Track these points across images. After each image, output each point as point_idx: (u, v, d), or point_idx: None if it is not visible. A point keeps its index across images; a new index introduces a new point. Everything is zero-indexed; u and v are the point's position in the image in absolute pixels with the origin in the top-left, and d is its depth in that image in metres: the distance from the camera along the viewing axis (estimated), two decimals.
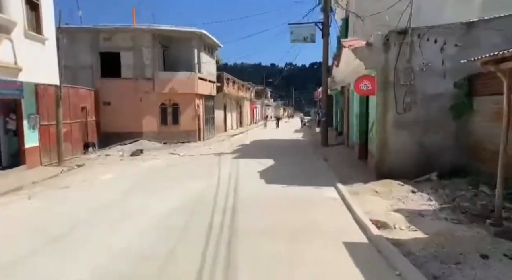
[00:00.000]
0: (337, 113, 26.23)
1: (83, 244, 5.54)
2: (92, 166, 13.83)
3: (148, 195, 8.82)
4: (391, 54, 9.48)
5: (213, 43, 24.81)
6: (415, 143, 9.54)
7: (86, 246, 5.48)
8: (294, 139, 26.64)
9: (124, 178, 11.23)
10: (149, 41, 20.47)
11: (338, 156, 14.79)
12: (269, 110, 75.44)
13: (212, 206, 7.49)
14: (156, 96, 21.09)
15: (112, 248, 5.32)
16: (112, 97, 20.62)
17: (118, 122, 20.39)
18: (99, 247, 5.40)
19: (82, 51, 20.14)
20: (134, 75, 20.70)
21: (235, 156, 16.42)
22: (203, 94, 23.58)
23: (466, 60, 6.16)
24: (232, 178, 10.88)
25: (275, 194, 8.66)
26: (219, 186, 9.60)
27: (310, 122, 57.16)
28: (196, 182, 10.26)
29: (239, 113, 40.71)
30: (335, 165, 12.61)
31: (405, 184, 8.62)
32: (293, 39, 18.25)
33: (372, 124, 10.32)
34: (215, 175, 11.33)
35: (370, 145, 10.77)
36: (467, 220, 5.90)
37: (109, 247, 5.37)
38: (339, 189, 8.87)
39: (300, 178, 10.69)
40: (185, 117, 21.94)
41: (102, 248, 5.35)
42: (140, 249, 5.29)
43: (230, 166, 13.16)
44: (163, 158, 15.93)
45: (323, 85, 18.13)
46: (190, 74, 21.54)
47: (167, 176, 11.51)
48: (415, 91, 9.43)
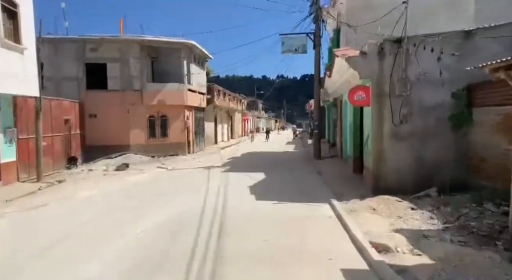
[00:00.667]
0: (329, 124, 25.88)
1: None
2: (73, 182, 13.09)
3: (128, 214, 8.15)
4: (386, 64, 9.10)
5: (203, 54, 24.41)
6: (413, 156, 9.08)
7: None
8: (286, 151, 26.14)
9: (105, 195, 10.54)
10: (137, 52, 19.95)
11: (332, 169, 14.28)
12: (261, 122, 75.15)
13: (197, 228, 6.86)
14: (144, 108, 20.47)
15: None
16: (98, 110, 19.93)
17: (104, 135, 19.67)
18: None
19: (67, 62, 19.52)
20: (121, 86, 20.09)
21: (225, 170, 15.82)
22: (193, 106, 23.05)
23: (472, 67, 5.71)
24: (220, 194, 10.27)
25: (266, 212, 8.07)
26: (206, 203, 8.98)
27: (302, 133, 57.04)
28: (181, 198, 9.63)
29: (230, 125, 40.18)
30: (329, 179, 12.09)
31: (403, 200, 8.11)
32: (284, 50, 17.91)
33: (368, 137, 9.87)
34: (202, 190, 10.71)
35: (365, 159, 10.30)
36: (475, 242, 5.38)
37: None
38: (334, 206, 8.32)
39: (292, 193, 10.13)
40: (174, 130, 21.32)
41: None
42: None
43: (219, 181, 12.55)
44: (149, 172, 15.25)
45: (315, 96, 17.74)
46: (179, 86, 21.02)
47: (151, 193, 10.85)
48: (412, 102, 9.03)
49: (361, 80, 9.85)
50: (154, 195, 10.39)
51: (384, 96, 9.15)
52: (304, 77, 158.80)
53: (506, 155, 7.22)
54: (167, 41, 20.58)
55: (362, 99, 9.34)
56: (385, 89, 9.14)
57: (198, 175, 14.31)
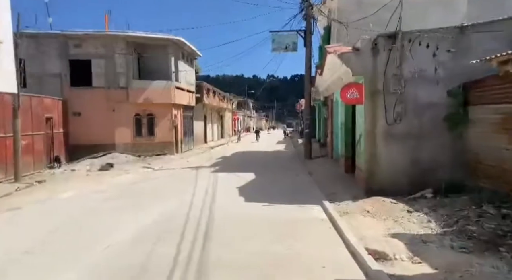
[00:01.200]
0: (320, 124, 25.61)
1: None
2: (53, 183, 12.49)
3: (107, 219, 7.63)
4: (380, 60, 8.76)
5: (191, 51, 23.86)
6: (407, 156, 8.77)
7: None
8: (277, 151, 25.78)
9: (85, 197, 9.99)
10: (122, 48, 19.33)
11: (323, 169, 13.94)
12: (251, 122, 74.73)
13: (181, 233, 6.41)
14: (130, 106, 19.86)
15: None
16: (82, 107, 19.26)
17: (88, 134, 19.03)
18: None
19: (50, 58, 18.80)
20: (106, 84, 19.45)
21: (214, 170, 15.36)
22: (181, 104, 22.50)
23: (477, 60, 5.38)
24: (208, 195, 9.82)
25: (255, 215, 7.65)
26: (191, 207, 8.52)
27: (292, 133, 56.79)
28: (166, 201, 9.15)
29: (220, 125, 39.67)
30: (320, 179, 11.74)
31: (398, 202, 7.78)
32: (274, 47, 17.51)
33: (360, 136, 9.53)
34: (189, 192, 10.24)
35: (357, 159, 9.97)
36: (477, 248, 5.04)
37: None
38: (326, 208, 7.95)
39: (283, 194, 9.74)
40: (161, 129, 20.76)
41: None
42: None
43: (207, 181, 12.10)
44: (134, 173, 14.70)
45: (306, 95, 17.39)
46: (167, 83, 20.46)
47: (134, 195, 10.34)
48: (406, 100, 8.71)
49: (353, 77, 9.50)
50: (136, 198, 9.89)
51: (377, 93, 8.82)
52: (294, 77, 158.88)
53: (506, 156, 6.94)
54: (154, 37, 20.00)
55: (355, 97, 8.99)
56: (378, 87, 8.80)
57: (185, 176, 13.83)
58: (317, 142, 23.87)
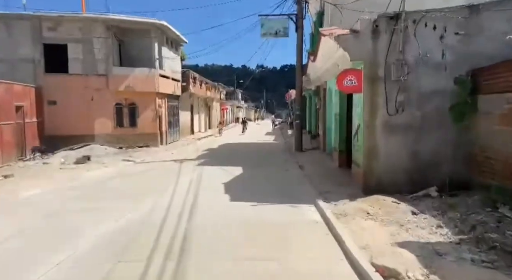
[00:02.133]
0: (310, 115, 24.78)
1: None
2: (22, 177, 11.40)
3: (65, 226, 6.49)
4: (381, 44, 7.87)
5: (176, 37, 22.62)
6: (409, 150, 7.97)
7: None
8: (266, 142, 24.91)
9: (52, 195, 8.97)
10: (101, 32, 18.05)
11: (315, 163, 13.12)
12: (240, 112, 73.56)
13: (154, 241, 5.49)
14: (110, 94, 18.67)
15: None
16: (58, 96, 18.02)
17: (65, 124, 17.86)
18: None
19: (21, 42, 17.42)
20: (84, 70, 18.20)
21: (199, 163, 14.43)
22: (166, 93, 21.35)
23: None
24: (190, 193, 8.90)
25: (242, 218, 6.78)
26: (170, 206, 7.60)
27: (281, 124, 55.88)
28: (142, 200, 8.20)
29: (208, 115, 38.54)
30: (312, 174, 10.91)
31: (401, 202, 6.99)
32: (264, 32, 16.47)
33: (358, 128, 8.70)
34: (170, 189, 9.31)
35: (354, 153, 9.15)
36: (502, 262, 4.27)
37: None
38: (321, 208, 7.11)
39: (272, 192, 8.89)
40: (144, 119, 19.63)
41: None
42: None
43: (191, 176, 11.17)
44: (113, 166, 13.66)
45: (297, 83, 16.47)
46: (150, 71, 19.28)
47: (107, 193, 9.33)
48: (409, 88, 7.87)
49: (351, 63, 8.61)
50: (110, 195, 8.91)
51: (378, 81, 7.95)
52: (284, 67, 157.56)
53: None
54: (135, 21, 18.74)
55: (353, 85, 8.11)
56: (379, 73, 7.93)
57: (168, 170, 12.87)
58: (307, 134, 23.05)
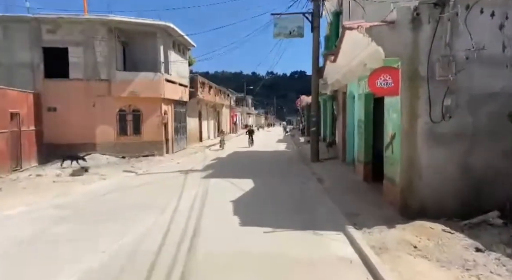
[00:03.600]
0: (326, 121, 23.35)
1: None
2: (9, 192, 10.23)
3: (47, 254, 5.39)
4: (423, 36, 6.51)
5: (183, 40, 21.53)
6: (458, 165, 6.54)
7: None
8: (278, 150, 23.53)
9: (34, 215, 7.74)
10: (104, 35, 17.02)
11: (335, 175, 11.68)
12: (250, 119, 72.38)
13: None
14: (113, 100, 17.58)
15: None
16: (58, 102, 16.99)
17: (66, 132, 16.82)
18: None
19: (19, 45, 16.46)
20: (86, 75, 17.16)
21: (206, 175, 13.13)
22: (172, 99, 20.21)
23: None
24: (193, 213, 7.58)
25: (254, 254, 5.39)
26: (168, 232, 6.28)
27: (292, 130, 54.45)
28: (135, 225, 6.89)
29: (217, 122, 37.40)
30: (333, 189, 9.50)
31: (454, 231, 5.56)
32: (277, 32, 15.20)
33: (393, 137, 7.29)
34: (170, 208, 8.01)
35: (387, 166, 7.75)
36: None
37: None
38: (353, 238, 5.71)
39: (289, 212, 7.52)
40: (149, 126, 18.47)
41: None
42: None
43: (195, 191, 9.87)
44: (112, 179, 12.44)
45: (313, 87, 15.12)
46: (155, 75, 18.16)
47: (98, 213, 8.05)
48: (459, 89, 6.46)
49: (383, 62, 7.24)
50: (101, 216, 7.64)
51: (419, 81, 6.58)
52: (294, 74, 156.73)
53: None
54: (139, 23, 17.66)
55: (388, 86, 6.73)
56: (420, 72, 6.56)
57: (171, 182, 11.59)
58: (322, 142, 21.62)
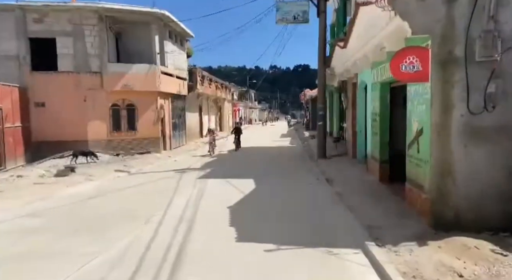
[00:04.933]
0: (332, 114, 22.12)
1: None
2: None
3: None
4: (459, 8, 5.29)
5: (181, 30, 20.31)
6: (504, 166, 5.35)
7: None
8: (282, 146, 22.34)
9: (3, 226, 6.65)
10: (95, 24, 15.87)
11: (346, 175, 10.50)
12: (253, 113, 71.08)
13: None
14: (105, 94, 16.48)
15: None
16: (47, 96, 15.95)
17: (55, 128, 15.81)
18: None
19: (3, 36, 15.39)
20: (76, 67, 16.06)
21: (204, 174, 12.02)
22: (169, 93, 19.06)
23: None
24: (182, 226, 6.45)
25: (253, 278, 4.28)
26: (151, 247, 5.16)
27: (296, 124, 53.16)
28: (119, 235, 5.79)
29: (219, 116, 36.22)
30: (346, 193, 8.32)
31: (508, 253, 4.39)
32: (280, 18, 13.97)
33: (419, 133, 6.09)
34: (157, 216, 6.91)
35: (410, 168, 6.57)
36: None
37: None
38: (376, 260, 4.56)
39: (296, 222, 6.39)
40: (145, 121, 17.36)
41: None
42: None
43: (189, 194, 8.77)
44: (100, 179, 11.37)
45: (320, 77, 13.89)
46: (150, 67, 17.01)
47: (79, 220, 6.98)
48: (505, 73, 5.25)
49: (404, 43, 6.02)
50: (78, 226, 6.54)
51: (454, 64, 5.37)
52: (297, 68, 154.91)
53: None
54: (133, 10, 16.47)
55: (415, 71, 5.51)
56: (456, 52, 5.35)
57: (164, 185, 10.49)
58: (329, 136, 20.40)
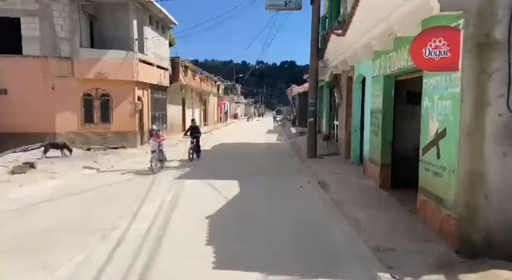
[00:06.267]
0: (321, 111, 21.04)
1: None
2: None
3: None
4: None
5: (163, 16, 18.83)
6: None
7: None
8: (269, 143, 21.19)
9: None
10: (65, 3, 14.31)
11: (341, 179, 9.39)
12: (239, 108, 69.75)
13: None
14: (76, 82, 14.97)
15: None
16: (9, 83, 14.40)
17: (18, 118, 14.30)
18: None
19: None
20: (43, 51, 14.50)
21: (182, 174, 10.79)
22: (149, 83, 17.63)
23: None
24: (146, 246, 5.21)
25: None
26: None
27: (283, 120, 52.08)
28: (63, 258, 4.51)
29: (204, 110, 34.76)
30: (344, 202, 7.20)
31: None
32: (270, 3, 12.72)
33: (440, 135, 5.00)
34: (120, 229, 5.64)
35: (425, 177, 5.48)
36: None
37: None
38: None
39: (288, 243, 5.23)
40: (120, 113, 15.93)
41: None
42: None
43: (162, 200, 7.52)
44: (64, 177, 9.99)
45: (312, 69, 12.73)
46: (127, 54, 15.55)
47: (21, 232, 5.64)
48: None
49: (420, 27, 4.89)
50: (9, 244, 5.18)
51: (492, 49, 4.28)
52: (284, 64, 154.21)
53: None
54: None
55: (442, 56, 4.40)
56: (496, 35, 4.26)
57: (135, 186, 9.20)
58: (318, 133, 19.35)
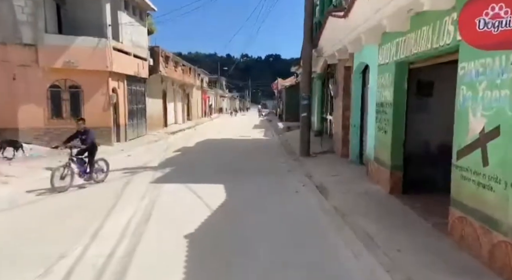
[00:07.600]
0: (313, 104, 19.91)
1: None
2: None
3: None
4: None
5: (139, 1, 17.25)
6: None
7: None
8: (256, 139, 19.99)
9: None
10: None
11: (341, 182, 8.24)
12: (224, 102, 68.23)
13: None
14: (41, 72, 13.39)
15: None
16: None
17: None
18: None
19: None
20: (1, 37, 12.83)
21: (160, 176, 9.49)
22: (125, 74, 16.11)
23: None
24: (107, 276, 3.95)
25: None
26: None
27: (269, 115, 50.94)
28: None
29: (187, 104, 33.24)
30: (348, 211, 6.06)
31: None
32: None
33: (492, 134, 3.87)
34: (68, 259, 4.36)
35: (464, 188, 4.36)
36: None
37: None
38: None
39: (284, 268, 4.04)
40: (92, 107, 14.39)
41: None
42: None
43: (132, 212, 6.23)
44: (19, 182, 8.55)
45: (305, 58, 11.51)
46: (99, 42, 14.00)
47: None
48: None
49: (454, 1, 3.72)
50: None
51: None
52: (269, 57, 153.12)
53: None
54: None
55: (502, 29, 3.24)
56: None
57: (102, 193, 7.85)
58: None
